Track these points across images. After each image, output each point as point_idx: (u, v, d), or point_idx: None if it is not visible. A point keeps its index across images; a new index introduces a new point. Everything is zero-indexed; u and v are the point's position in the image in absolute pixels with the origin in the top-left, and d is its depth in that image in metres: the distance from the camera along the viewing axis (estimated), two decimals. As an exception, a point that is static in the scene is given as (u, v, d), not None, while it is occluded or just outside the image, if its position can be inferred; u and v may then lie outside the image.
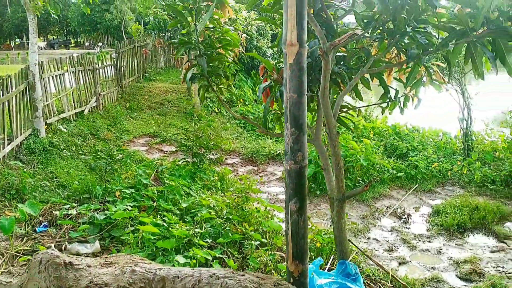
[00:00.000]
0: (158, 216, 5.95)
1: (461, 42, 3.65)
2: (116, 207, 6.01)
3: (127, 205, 6.15)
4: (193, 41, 4.04)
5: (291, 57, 2.29)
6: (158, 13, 16.70)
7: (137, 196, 6.66)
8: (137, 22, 28.81)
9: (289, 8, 2.21)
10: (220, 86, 4.36)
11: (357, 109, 4.77)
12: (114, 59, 14.68)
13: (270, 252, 5.28)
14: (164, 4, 12.90)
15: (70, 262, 2.46)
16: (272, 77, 3.76)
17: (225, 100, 14.87)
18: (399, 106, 4.65)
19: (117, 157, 8.10)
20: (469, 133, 10.32)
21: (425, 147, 10.74)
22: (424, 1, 3.63)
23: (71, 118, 11.27)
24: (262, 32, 17.81)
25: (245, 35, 15.40)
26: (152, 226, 5.27)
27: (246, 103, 15.68)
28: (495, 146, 10.17)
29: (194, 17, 3.94)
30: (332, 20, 4.07)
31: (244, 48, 15.67)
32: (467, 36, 3.52)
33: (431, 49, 3.85)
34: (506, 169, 8.80)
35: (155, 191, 6.76)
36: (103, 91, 13.20)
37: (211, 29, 4.19)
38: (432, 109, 13.08)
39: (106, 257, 2.75)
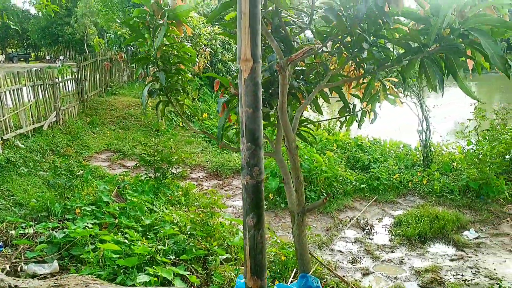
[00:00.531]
0: (120, 233, 5.81)
1: (415, 58, 3.77)
2: (75, 225, 5.84)
3: (87, 223, 5.99)
4: (152, 57, 4.02)
5: (245, 72, 2.29)
6: (117, 29, 16.51)
7: (98, 213, 6.50)
8: (97, 36, 28.39)
9: (242, 24, 2.22)
10: (180, 101, 4.34)
11: (317, 123, 4.83)
12: (76, 73, 14.38)
13: (234, 267, 5.24)
14: (120, 22, 12.82)
15: (15, 286, 2.35)
16: (229, 92, 3.77)
17: (190, 114, 14.78)
18: (356, 121, 4.74)
19: (77, 173, 7.90)
20: (428, 144, 10.61)
21: (386, 159, 10.94)
22: (378, 16, 3.73)
23: (29, 133, 10.93)
24: (227, 46, 17.86)
25: (209, 49, 15.41)
26: (113, 243, 5.15)
27: (211, 117, 15.63)
28: (453, 157, 10.50)
29: (152, 34, 3.92)
30: (291, 35, 4.13)
31: (208, 62, 15.68)
32: (421, 52, 3.63)
33: (387, 64, 3.95)
34: (463, 179, 9.08)
35: (117, 208, 6.61)
36: (64, 105, 12.88)
37: (167, 45, 4.17)
38: (393, 121, 13.42)
39: (56, 279, 2.66)
